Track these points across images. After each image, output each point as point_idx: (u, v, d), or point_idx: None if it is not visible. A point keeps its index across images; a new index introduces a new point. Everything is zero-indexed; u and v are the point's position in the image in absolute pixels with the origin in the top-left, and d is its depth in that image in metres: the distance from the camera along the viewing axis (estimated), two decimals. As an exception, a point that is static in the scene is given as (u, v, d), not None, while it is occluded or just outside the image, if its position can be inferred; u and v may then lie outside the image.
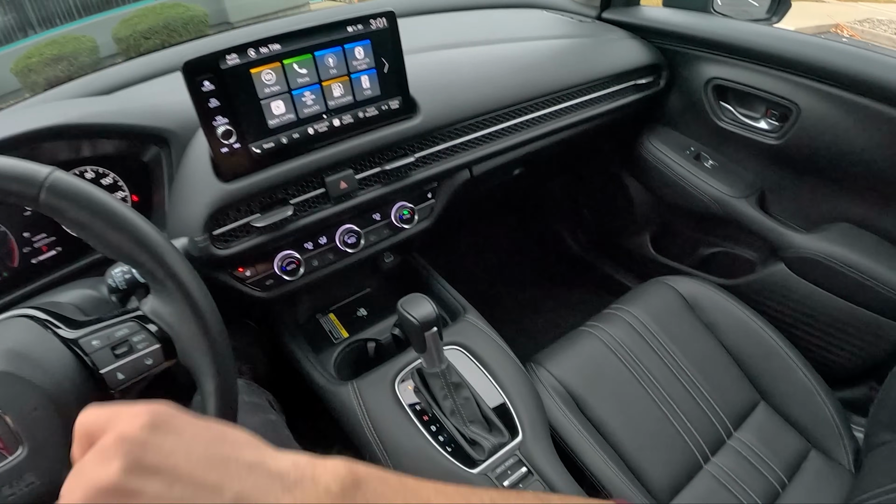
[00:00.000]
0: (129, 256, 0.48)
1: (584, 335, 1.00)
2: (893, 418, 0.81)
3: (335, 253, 0.86)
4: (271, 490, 0.25)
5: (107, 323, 0.51)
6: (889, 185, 0.98)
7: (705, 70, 1.18)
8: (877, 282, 0.98)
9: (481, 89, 0.92)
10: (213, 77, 0.66)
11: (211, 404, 0.51)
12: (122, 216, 0.46)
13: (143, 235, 0.47)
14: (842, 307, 1.05)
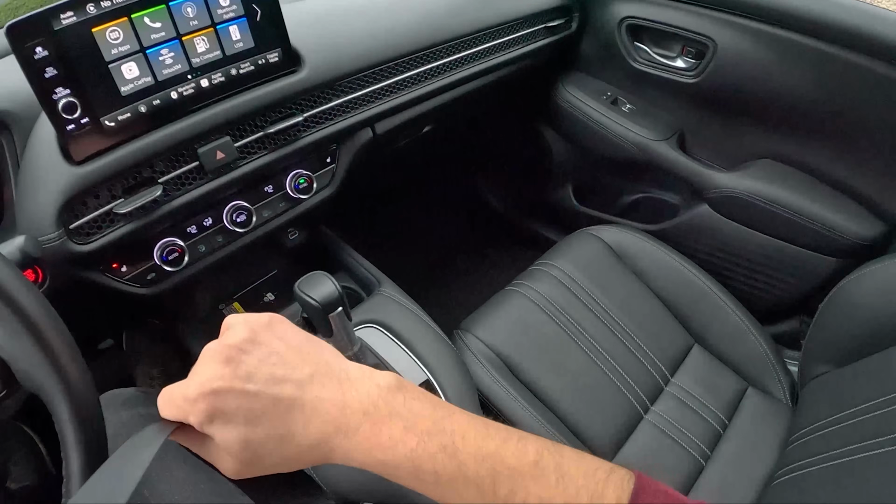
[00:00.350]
0: None
1: (512, 295, 0.96)
2: (827, 350, 0.83)
3: (224, 234, 0.76)
4: (338, 377, 0.35)
5: None
6: (810, 119, 0.98)
7: (618, 9, 1.13)
8: (801, 216, 0.99)
9: (375, 36, 0.83)
10: (46, 41, 0.55)
11: (69, 431, 0.42)
12: None
13: None
14: (768, 244, 1.06)
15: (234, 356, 0.33)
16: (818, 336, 0.85)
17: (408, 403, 0.34)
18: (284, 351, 0.35)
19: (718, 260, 1.15)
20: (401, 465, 0.33)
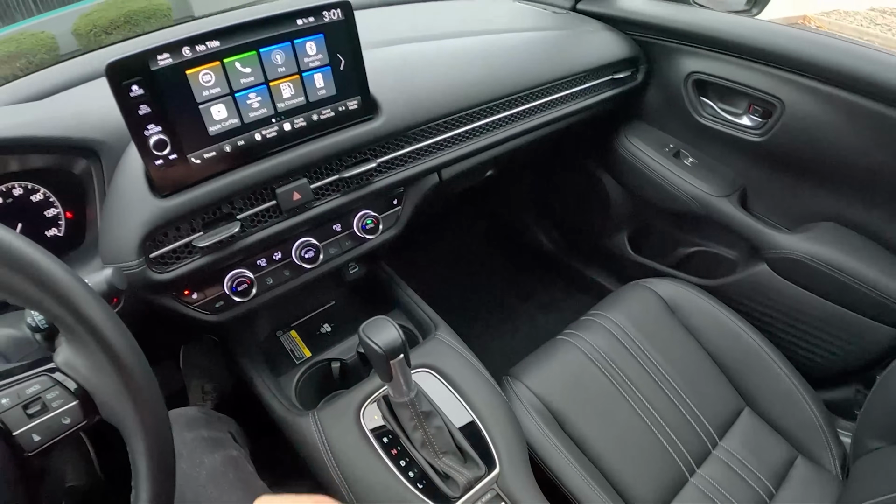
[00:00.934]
0: (33, 301, 0.40)
1: (563, 344, 0.96)
2: (882, 424, 0.80)
3: (291, 269, 0.78)
4: None
5: (16, 378, 0.44)
6: (876, 184, 0.95)
7: (685, 64, 1.13)
8: (862, 283, 0.96)
9: (449, 88, 0.85)
10: (143, 80, 0.58)
11: (142, 466, 0.45)
12: (19, 253, 0.38)
13: (46, 276, 0.39)
14: (826, 308, 1.02)
15: None
16: (874, 408, 0.82)
17: None
18: None
19: (774, 321, 1.11)
20: None
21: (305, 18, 0.66)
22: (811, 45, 0.94)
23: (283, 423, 0.77)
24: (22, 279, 0.39)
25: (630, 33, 1.18)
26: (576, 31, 1.12)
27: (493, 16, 1.16)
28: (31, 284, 0.39)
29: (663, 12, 1.14)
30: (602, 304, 1.03)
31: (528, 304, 1.62)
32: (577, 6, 1.25)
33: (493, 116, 0.91)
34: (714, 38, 1.06)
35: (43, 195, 0.71)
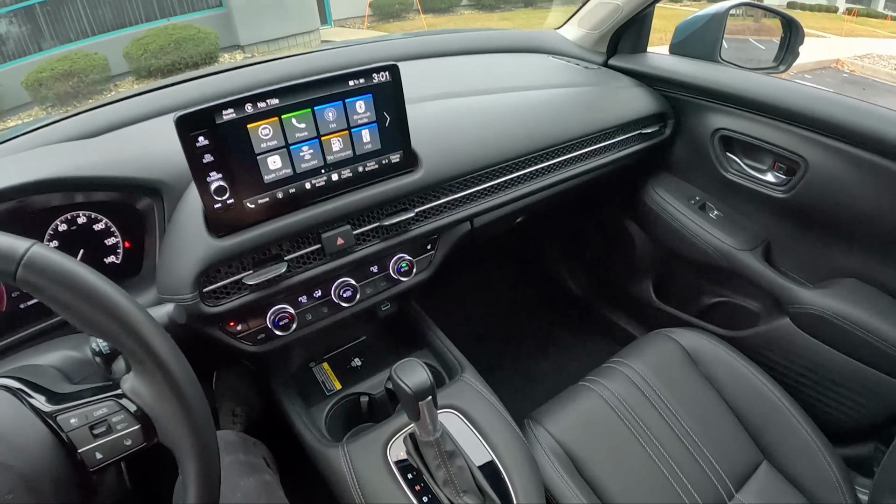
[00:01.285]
0: (110, 335, 0.46)
1: (584, 391, 0.98)
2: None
3: (330, 307, 0.83)
4: None
5: (86, 400, 0.49)
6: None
7: (712, 120, 1.17)
8: (883, 341, 0.97)
9: (485, 142, 0.90)
10: (208, 132, 0.64)
11: (192, 488, 0.49)
12: (103, 294, 0.44)
13: (123, 315, 0.45)
14: (847, 364, 1.03)
15: None
16: (892, 466, 0.81)
17: None
18: None
19: (795, 374, 1.12)
20: None
21: (357, 80, 0.72)
22: (834, 106, 0.97)
23: (314, 453, 0.80)
24: (103, 316, 0.44)
25: (659, 89, 1.22)
26: (607, 86, 1.17)
27: (529, 70, 1.22)
28: (112, 322, 0.44)
29: (691, 70, 1.19)
30: (624, 352, 1.05)
31: (552, 346, 1.64)
32: (608, 62, 1.31)
33: (525, 169, 0.96)
34: (740, 96, 1.10)
35: (104, 225, 0.77)
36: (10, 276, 0.42)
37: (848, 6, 22.78)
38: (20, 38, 8.24)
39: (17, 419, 0.47)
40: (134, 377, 0.49)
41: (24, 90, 7.36)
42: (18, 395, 0.49)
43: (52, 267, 0.42)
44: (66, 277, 0.43)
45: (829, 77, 8.65)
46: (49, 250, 0.43)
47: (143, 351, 0.46)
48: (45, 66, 7.31)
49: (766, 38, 1.35)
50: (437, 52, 1.22)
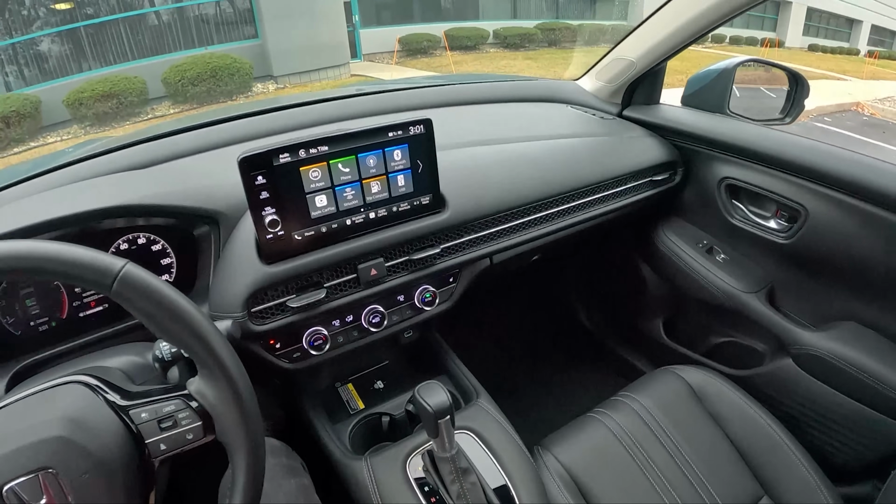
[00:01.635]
0: (185, 344, 0.54)
1: (592, 422, 1.02)
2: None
3: (360, 331, 0.92)
4: None
5: (156, 398, 0.57)
6: (893, 289, 1.02)
7: (719, 169, 1.24)
8: (882, 383, 1.00)
9: (506, 187, 0.99)
10: (266, 172, 0.74)
11: (240, 480, 0.57)
12: (183, 310, 0.53)
13: (199, 328, 0.53)
14: (847, 405, 1.07)
15: None
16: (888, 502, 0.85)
17: None
18: None
19: (796, 413, 1.15)
20: None
21: (395, 132, 0.82)
22: (833, 159, 1.04)
23: (339, 465, 0.88)
24: (180, 327, 0.53)
25: (670, 139, 1.31)
26: (621, 136, 1.26)
27: (548, 120, 1.31)
28: (187, 332, 0.53)
29: (701, 122, 1.27)
30: (632, 387, 1.10)
31: (564, 378, 1.69)
32: (622, 113, 1.40)
33: (542, 212, 1.04)
34: (746, 148, 1.17)
35: (161, 246, 0.87)
36: (106, 288, 0.50)
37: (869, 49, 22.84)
38: (63, 57, 8.64)
39: (95, 411, 0.54)
40: (200, 380, 0.57)
41: (64, 108, 7.68)
42: (95, 390, 0.56)
43: (142, 283, 0.51)
44: (152, 292, 0.51)
45: (848, 120, 8.65)
46: (139, 269, 0.51)
47: (211, 358, 0.54)
48: (86, 87, 7.66)
49: (777, 86, 1.41)
50: (465, 101, 1.33)
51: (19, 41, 8.21)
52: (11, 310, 0.79)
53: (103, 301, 0.84)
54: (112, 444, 0.53)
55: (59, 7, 8.39)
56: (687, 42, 1.18)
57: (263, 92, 8.98)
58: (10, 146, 7.29)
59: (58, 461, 0.50)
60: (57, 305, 0.81)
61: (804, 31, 21.83)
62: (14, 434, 0.50)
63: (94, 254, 0.50)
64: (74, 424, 0.52)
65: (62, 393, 0.56)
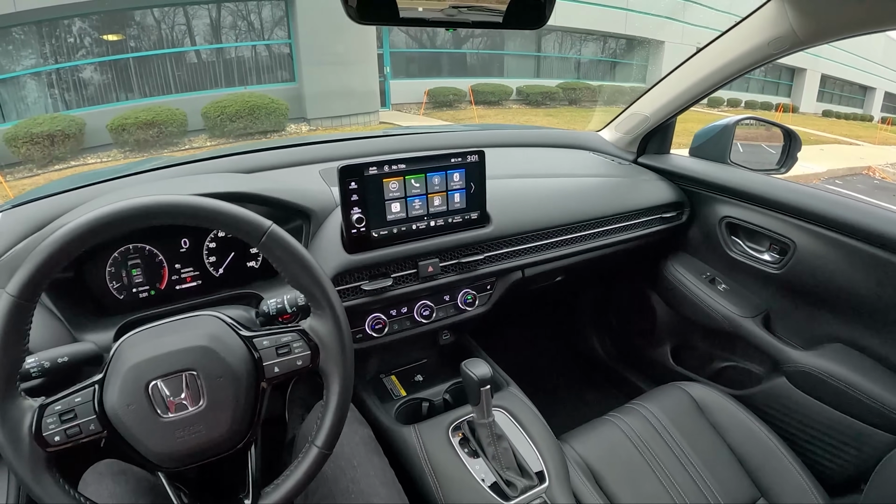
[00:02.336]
0: (306, 289, 0.68)
1: (607, 423, 1.16)
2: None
3: (412, 321, 1.10)
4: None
5: (275, 329, 0.70)
6: (872, 313, 1.16)
7: (720, 210, 1.42)
8: (866, 396, 1.12)
9: (539, 211, 1.19)
10: (358, 180, 0.94)
11: (333, 402, 0.70)
12: (310, 263, 0.68)
13: (320, 278, 0.69)
14: (834, 417, 1.18)
15: None
16: (869, 498, 0.95)
17: None
18: None
19: (791, 427, 1.26)
20: None
21: (457, 158, 1.03)
22: (816, 200, 1.21)
23: (391, 433, 1.03)
24: (307, 276, 0.67)
25: (678, 183, 1.50)
26: (635, 179, 1.46)
27: (574, 162, 1.52)
28: (312, 281, 0.68)
29: (705, 170, 1.46)
30: (643, 397, 1.24)
31: (575, 396, 1.83)
32: (637, 160, 1.61)
33: (568, 235, 1.23)
34: (743, 192, 1.35)
35: None
36: (256, 239, 0.64)
37: (883, 115, 23.13)
38: (107, 85, 8.96)
39: (229, 335, 0.66)
40: (313, 318, 0.70)
41: (104, 132, 7.99)
42: (227, 323, 0.68)
43: (283, 239, 0.66)
44: (290, 246, 0.66)
45: (860, 183, 8.70)
46: (280, 230, 0.66)
47: (325, 301, 0.69)
48: (130, 114, 7.99)
49: (776, 143, 1.58)
50: (502, 143, 1.55)
51: (68, 66, 8.64)
52: (118, 277, 0.91)
53: (198, 278, 0.97)
54: (240, 359, 0.64)
55: (107, 38, 8.87)
56: (693, 101, 1.39)
57: (296, 132, 9.30)
58: (52, 163, 7.56)
59: (201, 365, 0.61)
60: (158, 277, 0.93)
61: (818, 98, 22.22)
62: (165, 343, 0.62)
63: (251, 213, 0.65)
64: (215, 339, 0.64)
65: (201, 320, 0.68)
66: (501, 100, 13.44)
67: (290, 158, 1.26)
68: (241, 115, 8.29)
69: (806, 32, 1.07)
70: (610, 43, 16.74)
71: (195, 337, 0.65)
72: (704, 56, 1.29)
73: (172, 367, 0.62)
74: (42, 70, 8.49)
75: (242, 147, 1.30)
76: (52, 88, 8.68)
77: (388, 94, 12.21)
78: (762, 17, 1.13)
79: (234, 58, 9.91)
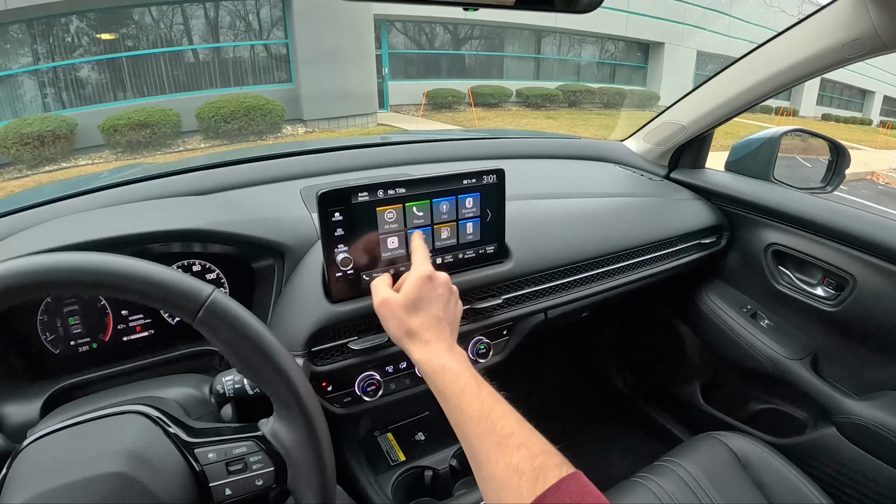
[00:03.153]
0: (266, 382, 0.51)
1: (637, 487, 1.00)
2: None
3: (412, 379, 0.90)
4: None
5: (226, 437, 0.53)
6: None
7: (765, 235, 1.25)
8: None
9: (567, 242, 1.00)
10: (344, 209, 0.73)
11: None
12: (270, 344, 0.51)
13: (284, 366, 0.51)
14: (892, 476, 1.04)
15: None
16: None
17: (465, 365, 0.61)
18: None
19: (840, 484, 1.13)
20: (435, 376, 0.60)
21: (470, 180, 0.83)
22: (881, 229, 1.05)
23: None
24: (264, 363, 0.50)
25: (716, 203, 1.32)
26: (669, 198, 1.28)
27: (601, 178, 1.34)
28: (271, 369, 0.51)
29: (746, 188, 1.28)
30: (675, 452, 1.08)
31: (597, 440, 1.65)
32: (669, 175, 1.42)
33: (599, 269, 1.04)
34: (792, 215, 1.18)
35: (216, 276, 0.84)
36: (191, 314, 0.47)
37: (882, 119, 23.29)
38: (101, 85, 8.94)
39: (158, 446, 0.50)
40: (276, 421, 0.54)
41: (97, 133, 7.91)
42: (157, 423, 0.53)
43: (230, 312, 0.49)
44: (240, 324, 0.49)
45: (864, 189, 8.74)
46: (226, 297, 0.49)
47: (293, 399, 0.51)
48: (122, 114, 7.90)
49: (812, 156, 1.46)
50: (515, 154, 1.36)
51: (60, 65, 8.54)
52: (52, 326, 0.75)
53: (149, 328, 0.81)
54: (175, 484, 0.49)
55: (102, 37, 8.77)
56: (740, 110, 1.22)
57: (293, 134, 9.24)
58: (42, 164, 7.50)
59: (116, 501, 0.45)
60: (101, 326, 0.78)
61: (818, 101, 22.46)
62: (69, 465, 0.46)
63: (181, 277, 0.48)
64: (137, 460, 0.48)
65: (122, 423, 0.52)
66: (501, 102, 13.41)
67: (269, 173, 1.06)
68: (236, 116, 8.19)
69: (893, 35, 0.88)
70: (608, 45, 16.66)
71: (108, 458, 0.47)
72: (758, 58, 1.11)
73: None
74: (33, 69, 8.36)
75: (213, 159, 1.11)
76: (43, 88, 8.60)
77: (386, 96, 12.17)
78: (836, 15, 0.95)
79: (230, 58, 9.85)
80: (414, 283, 0.67)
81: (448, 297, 0.69)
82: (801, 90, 21.11)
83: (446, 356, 0.62)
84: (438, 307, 0.67)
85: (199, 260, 0.83)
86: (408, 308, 0.66)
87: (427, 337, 0.64)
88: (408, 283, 0.68)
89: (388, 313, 0.67)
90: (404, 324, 0.65)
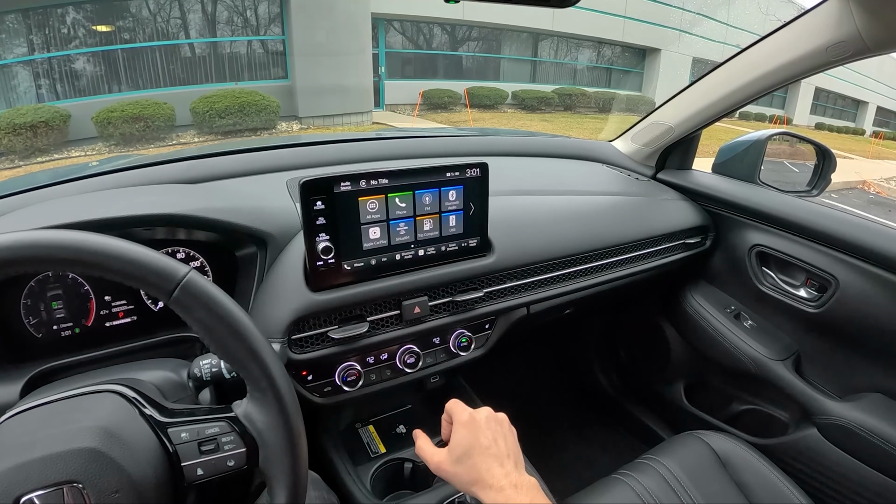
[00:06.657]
0: (240, 363, 0.51)
1: (617, 483, 0.99)
2: None
3: (393, 370, 0.90)
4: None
5: (199, 418, 0.53)
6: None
7: (749, 236, 1.26)
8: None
9: (550, 237, 1.00)
10: (326, 198, 0.74)
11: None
12: (244, 327, 0.50)
13: (258, 348, 0.50)
14: (872, 477, 1.05)
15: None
16: None
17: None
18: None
19: (820, 484, 1.13)
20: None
21: (453, 172, 0.83)
22: (864, 231, 1.06)
23: None
24: (238, 344, 0.50)
25: (701, 204, 1.33)
26: (655, 198, 1.28)
27: (588, 177, 1.34)
28: (245, 350, 0.50)
29: (732, 189, 1.29)
30: (657, 450, 1.08)
31: (580, 439, 1.66)
32: (657, 175, 1.43)
33: (581, 266, 1.05)
34: (777, 217, 1.19)
35: (200, 264, 0.85)
36: (167, 294, 0.47)
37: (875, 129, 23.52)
38: (97, 77, 8.86)
39: (131, 424, 0.50)
40: (249, 403, 0.53)
41: (91, 125, 7.82)
42: (132, 403, 0.53)
43: (205, 293, 0.48)
44: (214, 304, 0.48)
45: (854, 198, 8.83)
46: (202, 278, 0.49)
47: (265, 381, 0.51)
48: (116, 107, 7.81)
49: (799, 161, 1.45)
50: (504, 152, 1.36)
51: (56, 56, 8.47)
52: (36, 310, 0.75)
53: (133, 314, 0.82)
54: (146, 462, 0.48)
55: (98, 29, 8.70)
56: (726, 111, 1.22)
57: (287, 131, 9.18)
58: (34, 155, 7.40)
59: (87, 475, 0.45)
60: (84, 311, 0.78)
61: (811, 110, 22.64)
62: (41, 440, 0.46)
63: (157, 256, 0.48)
64: (109, 437, 0.48)
65: (97, 401, 0.52)
66: (497, 103, 13.44)
67: (258, 164, 1.06)
68: (230, 111, 8.14)
69: (876, 38, 0.89)
70: (605, 50, 16.74)
71: (81, 434, 0.47)
72: (744, 60, 1.12)
73: (48, 478, 0.45)
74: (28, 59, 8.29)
75: (200, 150, 1.11)
76: (38, 79, 8.53)
77: (382, 95, 12.16)
78: (821, 18, 0.95)
79: (226, 53, 9.79)
80: (458, 432, 0.64)
81: (497, 429, 0.65)
82: (795, 99, 21.29)
83: (515, 498, 0.58)
84: (492, 445, 0.62)
85: (184, 248, 0.83)
86: (461, 461, 0.62)
87: (492, 482, 0.59)
88: (453, 435, 0.65)
89: (446, 475, 0.63)
90: (464, 478, 0.61)
